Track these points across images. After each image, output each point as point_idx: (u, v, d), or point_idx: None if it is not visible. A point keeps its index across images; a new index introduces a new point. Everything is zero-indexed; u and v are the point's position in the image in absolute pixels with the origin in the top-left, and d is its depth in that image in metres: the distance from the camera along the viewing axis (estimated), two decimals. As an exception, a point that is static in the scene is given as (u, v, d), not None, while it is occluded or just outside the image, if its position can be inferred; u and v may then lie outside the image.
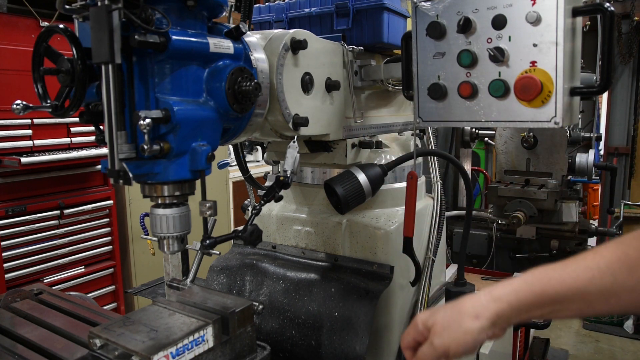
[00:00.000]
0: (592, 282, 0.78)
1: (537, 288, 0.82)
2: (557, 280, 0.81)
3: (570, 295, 0.79)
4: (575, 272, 0.80)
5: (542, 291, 0.81)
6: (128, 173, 0.88)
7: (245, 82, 0.99)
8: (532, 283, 0.83)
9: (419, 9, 1.18)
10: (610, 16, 1.06)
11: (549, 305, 0.81)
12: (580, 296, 0.79)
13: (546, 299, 0.81)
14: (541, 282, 0.82)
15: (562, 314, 0.83)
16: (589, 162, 2.93)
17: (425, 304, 1.50)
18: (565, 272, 0.81)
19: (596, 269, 0.78)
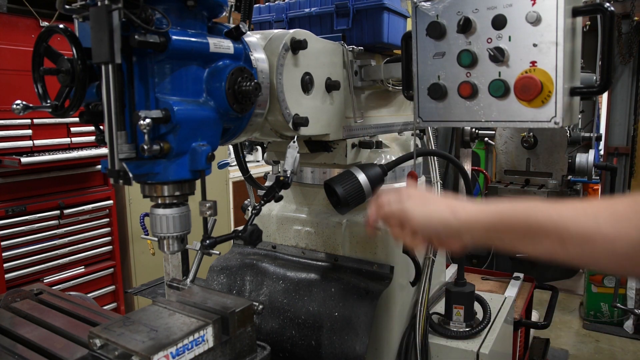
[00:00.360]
0: (575, 221, 0.77)
1: (520, 212, 0.82)
2: (542, 211, 0.80)
3: (549, 229, 0.79)
4: (561, 209, 0.79)
5: (524, 215, 0.81)
6: (128, 173, 0.88)
7: (245, 82, 0.99)
8: (517, 206, 0.83)
9: (419, 9, 1.18)
10: (610, 16, 1.06)
11: (525, 234, 0.81)
12: (558, 233, 0.78)
13: (525, 225, 0.81)
14: (526, 208, 0.82)
15: (534, 247, 0.81)
16: (589, 162, 2.93)
17: (425, 304, 1.50)
18: (552, 207, 0.80)
19: (582, 212, 0.78)
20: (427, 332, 1.50)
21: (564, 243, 0.78)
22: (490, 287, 2.34)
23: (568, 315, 4.48)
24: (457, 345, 1.48)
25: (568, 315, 4.49)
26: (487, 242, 0.86)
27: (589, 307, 4.27)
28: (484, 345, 1.47)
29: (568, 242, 0.77)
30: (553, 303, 2.45)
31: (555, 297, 2.51)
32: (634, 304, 4.00)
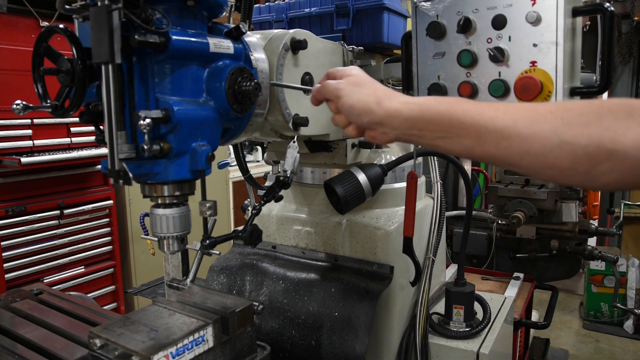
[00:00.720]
0: (493, 120, 0.78)
1: (442, 108, 0.83)
2: (463, 108, 0.82)
3: (468, 125, 0.80)
4: (482, 108, 0.81)
5: (446, 111, 0.82)
6: (128, 173, 0.88)
7: (245, 82, 0.99)
8: (439, 102, 0.85)
9: (419, 9, 1.18)
10: (610, 16, 1.06)
11: (446, 130, 0.82)
12: (476, 129, 0.79)
13: (445, 121, 0.82)
14: (448, 104, 0.84)
15: (453, 143, 0.83)
16: (589, 162, 2.92)
17: (425, 304, 1.50)
18: (473, 105, 0.82)
19: (502, 111, 0.79)
20: (427, 332, 1.50)
21: (481, 140, 0.79)
22: (490, 287, 2.34)
23: (568, 315, 4.48)
24: (457, 345, 1.48)
25: (568, 315, 4.49)
26: (409, 136, 0.87)
27: (589, 307, 4.27)
28: (484, 345, 1.47)
29: (485, 139, 0.79)
30: (553, 303, 2.45)
31: (555, 297, 2.51)
32: (634, 304, 4.00)
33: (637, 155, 0.69)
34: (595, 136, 0.71)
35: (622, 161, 0.71)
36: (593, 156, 0.72)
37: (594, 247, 2.94)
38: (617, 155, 0.70)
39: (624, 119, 0.71)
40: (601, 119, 0.72)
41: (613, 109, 0.73)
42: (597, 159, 0.72)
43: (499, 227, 2.98)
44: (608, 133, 0.71)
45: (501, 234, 3.01)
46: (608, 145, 0.71)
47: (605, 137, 0.71)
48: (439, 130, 0.83)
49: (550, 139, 0.74)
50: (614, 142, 0.70)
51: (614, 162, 0.71)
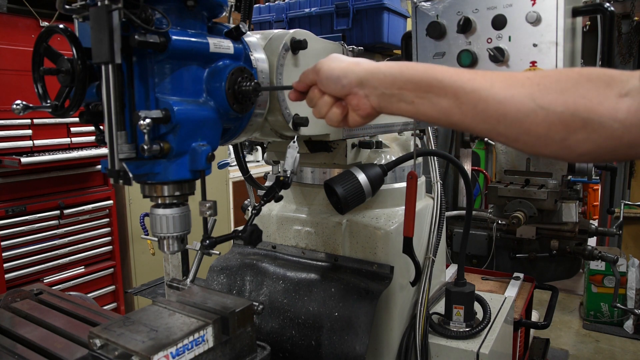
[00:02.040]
0: (471, 81, 0.78)
1: (421, 68, 0.83)
2: (442, 70, 0.81)
3: (446, 86, 0.80)
4: (461, 71, 0.81)
5: (425, 70, 0.82)
6: (128, 173, 0.88)
7: (245, 82, 0.99)
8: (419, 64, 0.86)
9: (419, 9, 1.18)
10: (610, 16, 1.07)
11: (425, 90, 0.82)
12: (454, 91, 0.79)
13: (425, 81, 0.82)
14: (427, 66, 0.84)
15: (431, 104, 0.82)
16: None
17: (425, 304, 1.50)
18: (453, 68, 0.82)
19: (480, 75, 0.79)
20: (427, 332, 1.50)
21: (459, 101, 0.79)
22: (490, 287, 2.34)
23: (568, 315, 4.48)
24: (457, 345, 1.48)
25: (568, 315, 4.49)
26: (390, 97, 0.86)
27: (589, 307, 4.27)
28: (484, 345, 1.47)
29: (463, 100, 0.79)
30: (553, 303, 2.45)
31: (555, 297, 2.51)
32: (634, 304, 4.00)
33: (612, 126, 0.69)
34: (571, 103, 0.71)
35: (596, 130, 0.70)
36: (568, 124, 0.71)
37: (594, 247, 2.94)
38: (592, 124, 0.70)
39: (602, 88, 0.70)
40: (578, 86, 0.71)
41: (592, 78, 0.72)
42: (572, 127, 0.71)
43: (499, 227, 2.98)
44: (584, 101, 0.70)
45: (501, 234, 3.01)
46: (583, 113, 0.70)
47: (581, 105, 0.70)
48: (418, 90, 0.82)
49: (526, 103, 0.74)
50: (589, 110, 0.70)
51: (589, 131, 0.70)
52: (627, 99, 0.68)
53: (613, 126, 0.68)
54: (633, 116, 0.67)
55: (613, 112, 0.68)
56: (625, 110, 0.67)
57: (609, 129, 0.69)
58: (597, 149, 0.72)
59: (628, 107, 0.67)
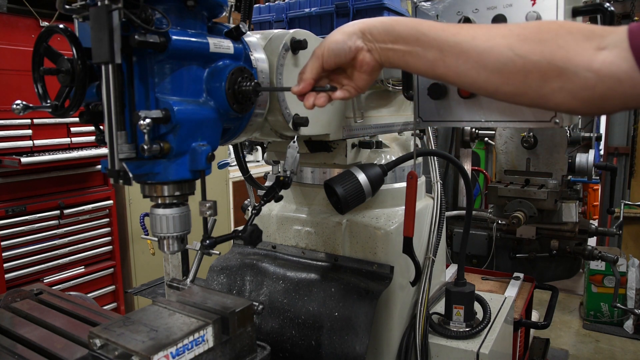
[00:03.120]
0: (455, 35, 0.82)
1: (410, 23, 0.88)
2: (429, 24, 0.86)
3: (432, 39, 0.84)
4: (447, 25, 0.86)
5: (414, 25, 0.87)
6: (128, 173, 0.88)
7: (245, 82, 0.99)
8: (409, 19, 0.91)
9: (419, 9, 1.18)
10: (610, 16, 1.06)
11: (413, 42, 0.86)
12: (439, 45, 0.83)
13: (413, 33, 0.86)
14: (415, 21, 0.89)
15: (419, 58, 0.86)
16: (589, 162, 2.93)
17: (425, 304, 1.50)
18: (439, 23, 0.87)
19: (464, 28, 0.84)
20: (427, 332, 1.50)
21: (444, 54, 0.83)
22: (490, 287, 2.35)
23: (568, 315, 4.48)
24: (457, 345, 1.48)
25: (568, 315, 4.49)
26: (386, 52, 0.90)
27: (589, 307, 4.28)
28: (484, 345, 1.47)
29: (447, 53, 0.83)
30: (553, 303, 2.45)
31: (555, 297, 2.51)
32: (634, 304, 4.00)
33: (587, 76, 0.70)
34: (548, 53, 0.73)
35: (571, 80, 0.72)
36: (544, 72, 0.74)
37: (594, 247, 2.94)
38: (567, 73, 0.72)
39: (580, 40, 0.72)
40: (557, 37, 0.74)
41: (572, 30, 0.74)
42: (547, 75, 0.73)
43: (499, 227, 2.98)
44: (561, 51, 0.72)
45: (501, 234, 3.01)
46: (559, 62, 0.72)
47: (558, 55, 0.72)
48: (407, 43, 0.87)
49: (505, 53, 0.77)
50: (565, 60, 0.72)
51: (564, 80, 0.72)
52: (604, 52, 0.70)
53: (587, 76, 0.71)
54: (607, 68, 0.69)
55: (588, 62, 0.70)
56: (600, 61, 0.70)
57: (583, 79, 0.71)
58: (572, 99, 0.74)
59: (603, 59, 0.70)
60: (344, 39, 0.92)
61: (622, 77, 0.69)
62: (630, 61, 0.68)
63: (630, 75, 0.68)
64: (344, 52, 0.93)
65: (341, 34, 0.93)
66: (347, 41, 0.92)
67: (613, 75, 0.69)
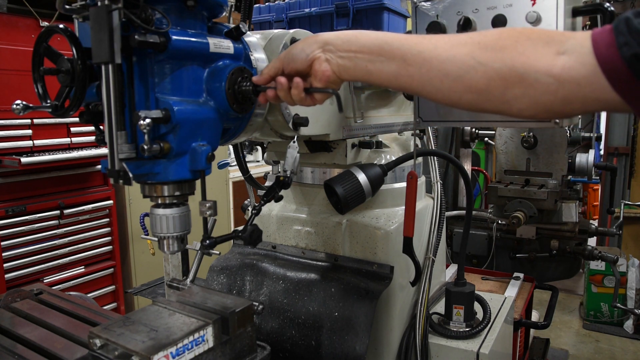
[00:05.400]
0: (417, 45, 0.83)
1: (373, 35, 0.89)
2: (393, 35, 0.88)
3: (395, 49, 0.85)
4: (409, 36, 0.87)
5: (377, 37, 0.88)
6: (128, 173, 0.88)
7: (245, 82, 0.99)
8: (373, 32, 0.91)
9: (419, 9, 1.18)
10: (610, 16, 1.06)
11: (376, 52, 0.87)
12: (402, 54, 0.84)
13: (376, 43, 0.87)
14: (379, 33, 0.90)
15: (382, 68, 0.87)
16: (589, 162, 2.93)
17: (425, 304, 1.50)
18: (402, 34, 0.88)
19: (426, 38, 0.85)
20: (427, 332, 1.50)
21: (406, 63, 0.84)
22: (490, 287, 2.35)
23: (568, 315, 4.48)
24: (457, 345, 1.48)
25: (568, 315, 4.49)
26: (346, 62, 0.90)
27: (589, 307, 4.27)
28: (484, 345, 1.47)
29: (410, 62, 0.83)
30: (553, 303, 2.45)
31: (555, 297, 2.51)
32: (634, 304, 4.00)
33: (547, 81, 0.72)
34: (509, 59, 0.74)
35: (532, 85, 0.73)
36: (506, 78, 0.75)
37: (594, 247, 2.94)
38: (527, 79, 0.73)
39: (540, 46, 0.73)
40: (517, 44, 0.75)
41: (532, 37, 0.75)
42: (509, 82, 0.75)
43: (499, 227, 2.98)
44: (521, 57, 0.74)
45: (501, 234, 3.01)
46: (520, 68, 0.73)
47: (518, 61, 0.74)
48: (370, 53, 0.87)
49: (467, 61, 0.78)
50: (525, 66, 0.73)
51: (525, 87, 0.74)
52: (564, 57, 0.71)
53: (548, 81, 0.72)
54: (567, 72, 0.71)
55: (548, 68, 0.72)
56: (560, 66, 0.71)
57: (544, 84, 0.72)
58: (534, 104, 0.75)
59: (563, 64, 0.71)
60: (303, 46, 0.94)
61: (582, 82, 0.70)
62: (589, 66, 0.69)
63: (589, 80, 0.70)
64: (300, 59, 0.94)
65: (303, 42, 0.94)
66: (305, 49, 0.93)
67: (573, 79, 0.71)
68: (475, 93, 0.79)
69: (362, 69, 0.89)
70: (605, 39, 0.68)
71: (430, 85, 0.83)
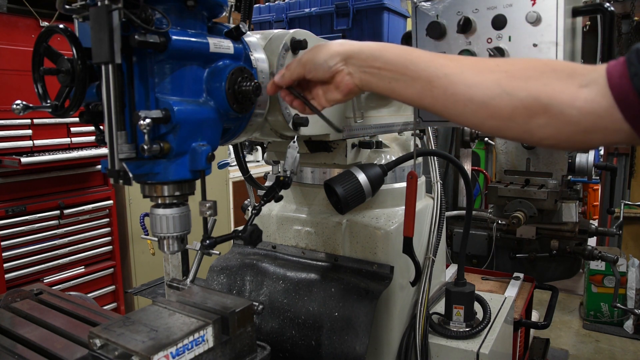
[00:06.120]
0: (443, 67, 0.83)
1: (399, 49, 0.89)
2: (418, 54, 0.87)
3: (420, 70, 0.85)
4: (435, 56, 0.87)
5: (402, 53, 0.88)
6: (128, 173, 0.88)
7: (245, 82, 0.99)
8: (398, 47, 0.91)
9: (419, 9, 1.18)
10: (610, 16, 1.07)
11: (401, 70, 0.87)
12: (427, 76, 0.84)
13: (401, 61, 0.87)
14: (404, 49, 0.90)
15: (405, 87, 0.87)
16: (589, 162, 2.93)
17: (425, 304, 1.50)
18: (427, 53, 0.87)
19: (453, 61, 0.85)
20: (427, 332, 1.50)
21: (431, 85, 0.84)
22: (490, 287, 2.35)
23: (568, 315, 4.48)
24: (457, 345, 1.48)
25: (568, 315, 4.49)
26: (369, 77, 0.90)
27: (589, 307, 4.27)
28: (484, 345, 1.47)
29: (435, 84, 0.83)
30: (553, 303, 2.45)
31: (555, 297, 2.51)
32: (634, 304, 4.00)
33: (571, 113, 0.73)
34: (534, 90, 0.76)
35: (556, 116, 0.75)
36: (530, 108, 0.76)
37: (594, 247, 2.94)
38: (552, 109, 0.75)
39: (564, 78, 0.75)
40: (543, 75, 0.77)
41: (556, 69, 0.77)
42: (533, 111, 0.76)
43: (499, 227, 2.98)
44: (546, 89, 0.75)
45: (501, 234, 3.01)
46: (545, 100, 0.75)
47: (543, 92, 0.75)
48: (395, 71, 0.87)
49: (493, 88, 0.79)
50: (550, 97, 0.75)
51: (549, 117, 0.75)
52: (586, 89, 0.73)
53: (571, 113, 0.73)
54: (589, 105, 0.73)
55: (572, 100, 0.73)
56: (582, 99, 0.73)
57: (568, 116, 0.74)
58: (557, 134, 0.77)
59: (585, 96, 0.73)
60: (326, 58, 0.94)
61: (602, 114, 0.72)
62: (609, 97, 0.71)
63: (609, 112, 0.71)
64: (323, 70, 0.94)
65: (325, 52, 0.94)
66: (328, 61, 0.93)
67: (594, 111, 0.72)
68: (499, 120, 0.80)
69: (385, 85, 0.89)
70: (618, 70, 0.70)
71: (454, 108, 0.83)
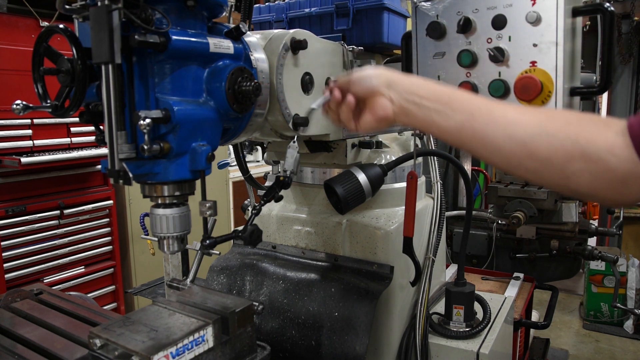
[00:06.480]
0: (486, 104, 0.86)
1: (442, 86, 0.91)
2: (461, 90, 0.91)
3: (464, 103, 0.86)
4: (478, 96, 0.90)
5: (445, 88, 0.90)
6: (128, 173, 0.88)
7: (245, 82, 0.99)
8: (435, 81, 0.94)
9: (419, 9, 1.18)
10: (610, 16, 1.06)
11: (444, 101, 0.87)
12: (470, 108, 0.85)
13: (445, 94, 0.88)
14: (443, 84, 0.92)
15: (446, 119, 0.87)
16: (589, 162, 2.92)
17: (425, 304, 1.50)
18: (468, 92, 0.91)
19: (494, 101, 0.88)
20: (427, 332, 1.50)
21: (473, 117, 0.84)
22: (490, 287, 2.34)
23: (568, 315, 4.48)
24: (457, 345, 1.48)
25: (568, 315, 4.49)
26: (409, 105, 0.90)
27: (589, 307, 4.27)
28: (484, 345, 1.47)
29: (476, 117, 0.84)
30: (553, 303, 2.45)
31: (555, 297, 2.51)
32: (634, 304, 4.00)
33: (608, 159, 0.74)
34: (573, 133, 0.77)
35: (594, 162, 0.75)
36: (569, 151, 0.76)
37: (594, 247, 2.94)
38: (590, 154, 0.75)
39: (601, 126, 0.77)
40: (582, 122, 0.78)
41: (593, 118, 0.79)
42: (571, 155, 0.76)
43: (499, 227, 2.98)
44: (585, 133, 0.76)
45: (501, 234, 3.01)
46: (583, 143, 0.75)
47: (582, 136, 0.76)
48: (437, 102, 0.88)
49: (534, 127, 0.80)
50: (588, 141, 0.75)
51: (587, 162, 0.75)
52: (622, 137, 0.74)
53: (609, 159, 0.73)
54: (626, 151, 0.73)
55: (610, 146, 0.74)
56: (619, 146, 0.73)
57: (605, 161, 0.74)
58: (595, 180, 0.76)
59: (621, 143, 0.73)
60: (372, 75, 0.94)
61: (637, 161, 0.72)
62: None
63: None
64: (364, 85, 0.94)
65: (373, 71, 0.95)
66: (373, 79, 0.93)
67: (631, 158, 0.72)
68: (537, 161, 0.79)
69: (425, 116, 0.89)
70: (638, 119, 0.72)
71: (493, 144, 0.83)
